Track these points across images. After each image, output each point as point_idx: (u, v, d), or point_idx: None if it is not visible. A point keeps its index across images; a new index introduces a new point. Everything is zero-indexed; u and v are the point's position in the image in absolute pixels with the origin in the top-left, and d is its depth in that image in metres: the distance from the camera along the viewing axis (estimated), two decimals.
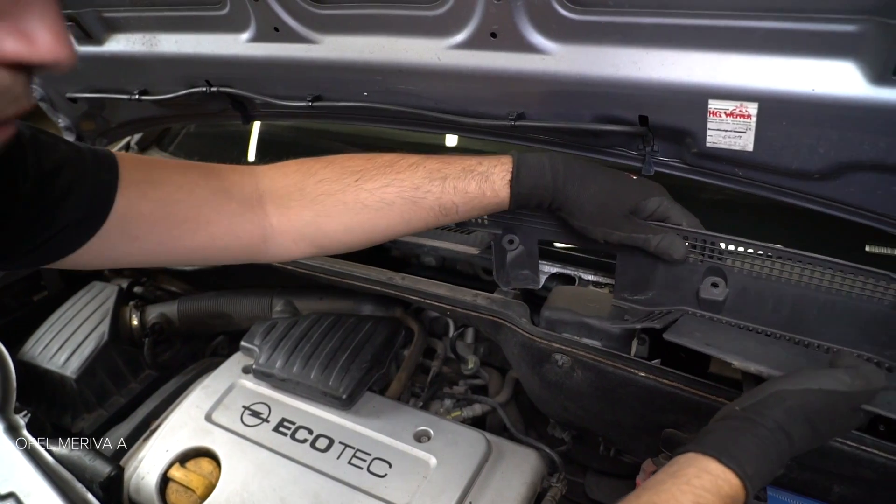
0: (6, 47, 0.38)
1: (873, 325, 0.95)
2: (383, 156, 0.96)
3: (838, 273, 0.94)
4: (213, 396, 1.39)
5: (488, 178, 0.93)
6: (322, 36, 1.11)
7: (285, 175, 0.95)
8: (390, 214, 0.94)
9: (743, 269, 1.01)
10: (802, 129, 0.84)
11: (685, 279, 1.05)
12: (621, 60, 0.90)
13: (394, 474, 1.20)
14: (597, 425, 1.21)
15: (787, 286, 0.99)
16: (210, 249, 0.90)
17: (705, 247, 1.02)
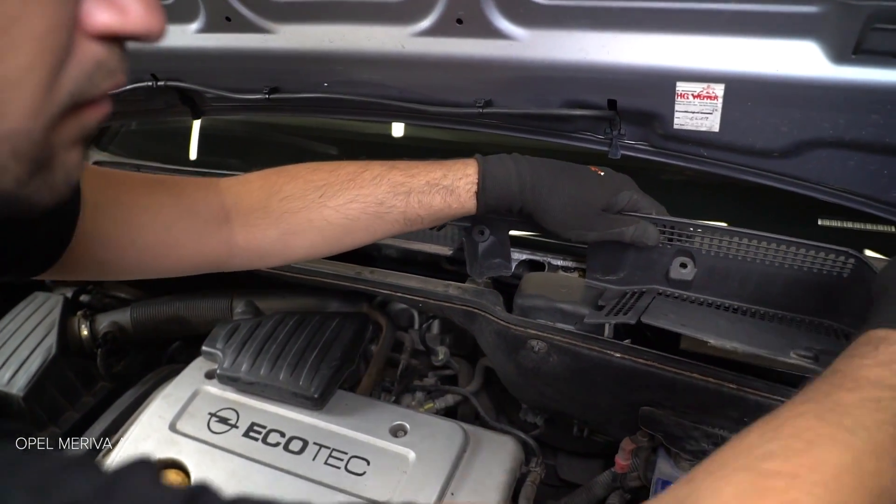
0: (99, 19, 0.38)
1: (833, 295, 1.00)
2: (346, 167, 0.95)
3: (801, 250, 0.98)
4: (176, 405, 1.33)
5: (453, 192, 0.94)
6: (278, 25, 1.07)
7: (249, 192, 0.93)
8: (355, 229, 0.95)
9: (710, 250, 1.04)
10: (767, 109, 0.87)
11: (655, 261, 1.08)
12: (590, 45, 0.90)
13: (373, 472, 1.19)
14: (573, 408, 1.23)
15: (752, 264, 1.03)
16: (180, 267, 0.90)
17: (674, 231, 1.04)
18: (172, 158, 1.86)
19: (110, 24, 0.38)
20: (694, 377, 1.02)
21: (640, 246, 1.03)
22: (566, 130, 1.07)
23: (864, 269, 0.95)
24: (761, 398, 0.99)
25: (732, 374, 1.00)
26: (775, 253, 1.01)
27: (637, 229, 0.99)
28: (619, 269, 1.15)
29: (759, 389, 0.99)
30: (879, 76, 0.77)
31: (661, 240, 1.04)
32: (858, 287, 0.97)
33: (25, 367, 1.34)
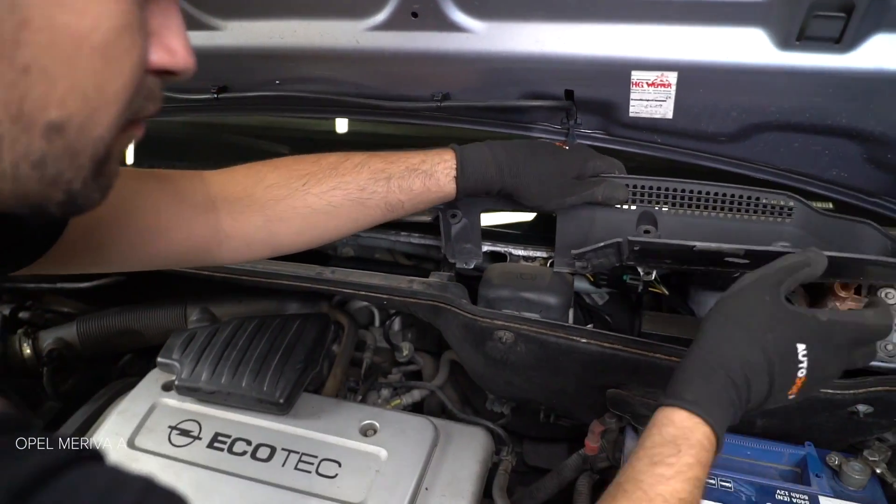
0: (157, 59, 0.47)
1: (783, 240, 1.03)
2: (328, 157, 0.98)
3: (749, 205, 1.02)
4: (132, 420, 1.27)
5: (432, 176, 0.97)
6: (225, 21, 1.03)
7: (234, 181, 0.95)
8: (339, 216, 0.97)
9: (670, 211, 1.08)
10: (718, 95, 0.90)
11: (620, 228, 1.10)
12: (546, 36, 0.91)
13: (345, 473, 1.17)
14: (542, 395, 1.25)
15: (708, 220, 1.06)
16: (170, 255, 0.92)
17: (635, 191, 1.07)
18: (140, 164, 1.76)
19: (165, 63, 0.48)
20: (657, 357, 1.05)
21: (613, 203, 1.07)
22: (524, 121, 1.08)
23: (807, 212, 0.99)
24: None
25: None
26: (728, 211, 1.04)
27: (606, 188, 1.04)
28: (588, 245, 1.16)
29: None
30: (821, 61, 0.81)
31: (623, 207, 1.09)
32: (803, 230, 1.02)
33: None
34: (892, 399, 0.98)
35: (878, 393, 0.98)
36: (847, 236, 0.98)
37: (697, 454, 0.67)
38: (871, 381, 0.98)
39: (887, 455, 1.03)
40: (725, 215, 1.05)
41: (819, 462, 1.03)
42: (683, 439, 0.68)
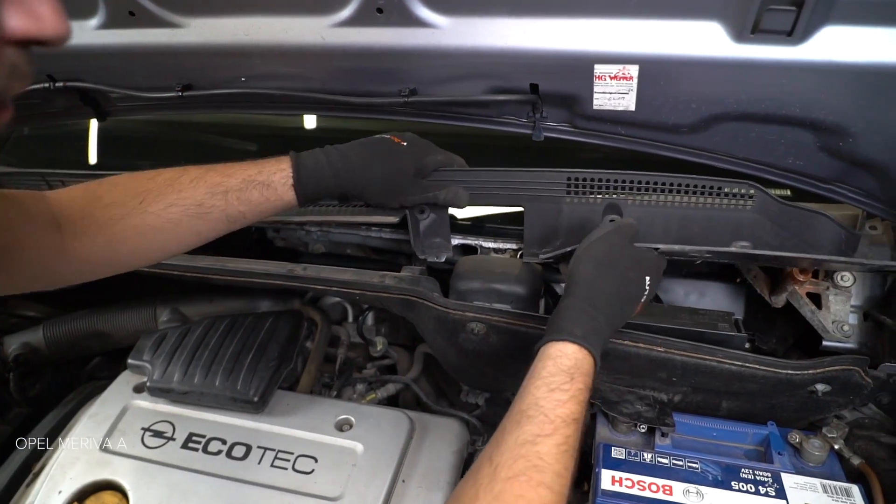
0: (16, 24, 0.40)
1: (744, 227, 1.09)
2: (164, 173, 0.97)
3: (711, 193, 1.07)
4: (104, 423, 1.26)
5: (269, 186, 0.98)
6: (187, 19, 1.02)
7: (73, 201, 0.94)
8: (178, 232, 0.97)
9: (635, 201, 1.12)
10: (678, 87, 0.92)
11: (587, 219, 1.13)
12: (511, 31, 0.92)
13: (321, 468, 1.18)
14: (514, 384, 1.25)
15: (671, 209, 1.11)
16: (21, 276, 0.89)
17: (601, 184, 1.11)
18: (71, 163, 1.74)
19: (26, 30, 0.41)
20: (625, 344, 1.08)
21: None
22: (491, 116, 1.09)
23: (767, 200, 1.05)
24: (687, 358, 1.06)
25: (660, 338, 1.07)
26: (689, 194, 1.09)
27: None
28: (556, 238, 1.20)
29: (684, 350, 1.06)
30: (775, 53, 0.83)
31: (590, 198, 1.13)
32: (763, 216, 1.07)
33: None
34: (847, 378, 1.02)
35: (835, 372, 1.02)
36: (804, 225, 1.02)
37: (585, 380, 0.80)
38: (828, 362, 1.02)
39: (844, 431, 1.08)
40: (689, 202, 1.10)
41: (781, 440, 1.07)
42: (576, 369, 0.80)
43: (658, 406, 1.13)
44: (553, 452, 0.72)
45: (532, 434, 0.73)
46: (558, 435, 0.74)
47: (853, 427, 1.11)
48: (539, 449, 0.72)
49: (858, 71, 0.81)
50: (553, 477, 0.71)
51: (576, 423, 0.76)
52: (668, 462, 1.04)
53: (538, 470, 0.71)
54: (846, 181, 1.00)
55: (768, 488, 0.97)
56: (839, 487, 0.97)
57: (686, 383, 1.12)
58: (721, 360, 1.06)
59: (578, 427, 0.76)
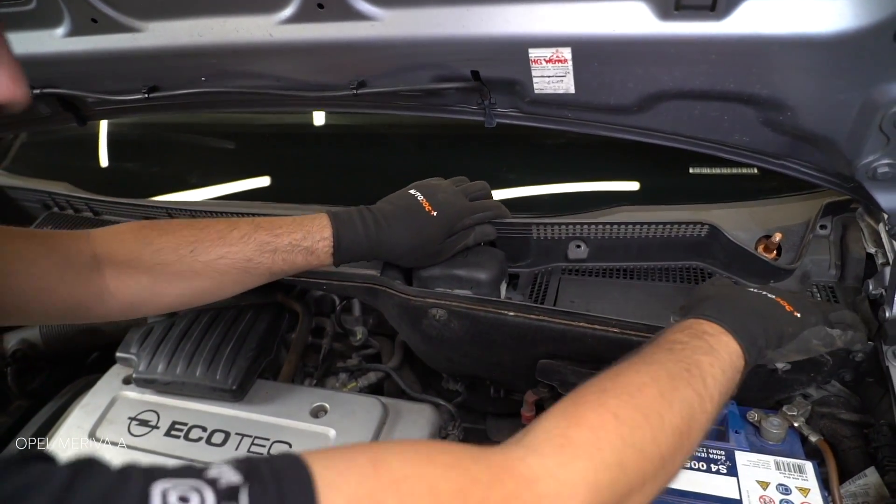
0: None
1: (697, 247, 1.20)
2: (215, 225, 1.04)
3: (666, 226, 1.19)
4: (94, 413, 1.33)
5: (313, 253, 1.06)
6: (145, 23, 1.06)
7: (122, 242, 1.00)
8: (223, 282, 1.05)
9: (597, 235, 1.23)
10: (611, 68, 0.92)
11: (554, 248, 1.24)
12: (445, 19, 0.94)
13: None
14: (481, 370, 1.28)
15: (631, 239, 1.22)
16: (53, 313, 0.98)
17: (566, 224, 1.24)
18: (82, 169, 1.81)
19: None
20: (581, 326, 1.09)
21: (487, 242, 1.22)
22: (443, 104, 1.11)
23: (717, 232, 1.18)
24: (643, 338, 1.06)
25: (615, 319, 1.07)
26: (648, 230, 1.22)
27: (477, 236, 1.17)
28: (527, 256, 1.29)
29: (639, 331, 1.07)
30: (700, 29, 0.83)
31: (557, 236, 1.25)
32: (713, 240, 1.19)
33: None
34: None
35: None
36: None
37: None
38: None
39: (807, 410, 1.06)
40: (646, 236, 1.21)
41: (739, 419, 1.06)
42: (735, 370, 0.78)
43: None
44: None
45: (691, 404, 0.69)
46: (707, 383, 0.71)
47: (818, 405, 1.10)
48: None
49: (784, 42, 0.81)
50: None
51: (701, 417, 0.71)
52: None
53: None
54: (796, 156, 0.99)
55: (720, 465, 0.97)
56: (793, 465, 0.96)
57: None
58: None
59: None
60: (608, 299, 1.19)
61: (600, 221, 1.22)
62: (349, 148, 1.58)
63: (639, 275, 1.25)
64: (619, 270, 1.27)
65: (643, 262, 1.25)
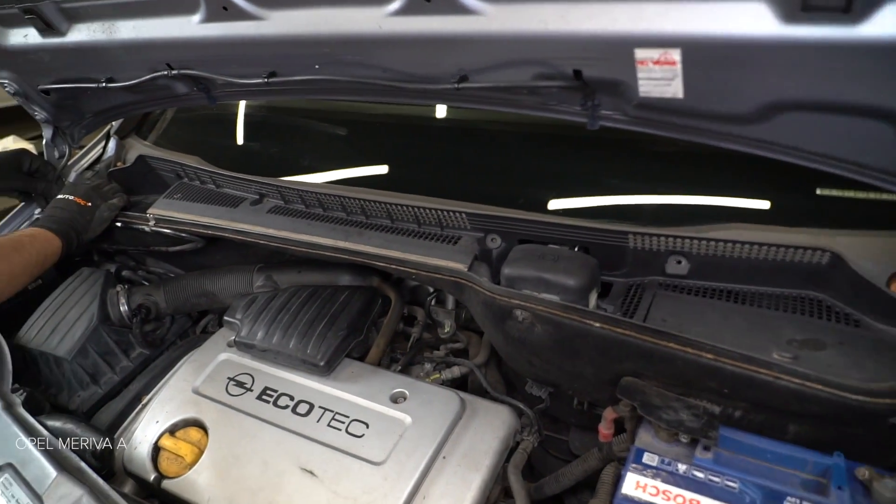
0: None
1: (815, 275, 1.07)
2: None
3: (781, 248, 1.09)
4: (199, 370, 1.45)
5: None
6: (269, 11, 1.13)
7: None
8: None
9: (700, 251, 1.14)
10: (726, 73, 0.85)
11: (651, 260, 1.16)
12: (549, 15, 0.91)
13: (371, 434, 1.25)
14: (562, 378, 1.24)
15: (739, 260, 1.12)
16: None
17: (666, 236, 1.16)
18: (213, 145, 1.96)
19: None
20: (671, 347, 1.02)
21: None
22: (544, 103, 1.08)
23: (840, 261, 1.05)
24: (738, 369, 0.98)
25: (710, 344, 1.00)
26: (759, 252, 1.11)
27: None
28: (622, 266, 1.23)
29: (736, 360, 0.98)
30: (831, 33, 0.74)
31: (656, 245, 1.19)
32: (835, 270, 1.06)
33: (71, 334, 1.48)
34: None
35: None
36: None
37: None
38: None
39: None
40: (757, 256, 1.12)
41: (845, 474, 0.94)
42: None
43: (706, 418, 1.05)
44: None
45: None
46: None
47: None
48: None
49: None
50: None
51: None
52: (703, 476, 0.97)
53: None
54: None
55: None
56: None
57: (740, 397, 1.03)
58: (777, 376, 0.96)
59: None
60: (705, 322, 1.10)
61: (706, 237, 1.13)
62: (450, 141, 1.59)
63: (743, 299, 1.14)
64: (720, 291, 1.16)
65: (750, 286, 1.14)
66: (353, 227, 1.40)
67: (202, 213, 1.53)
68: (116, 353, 1.54)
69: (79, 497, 1.11)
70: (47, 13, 1.28)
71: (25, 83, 1.51)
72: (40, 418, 1.28)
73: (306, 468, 1.21)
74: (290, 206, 1.51)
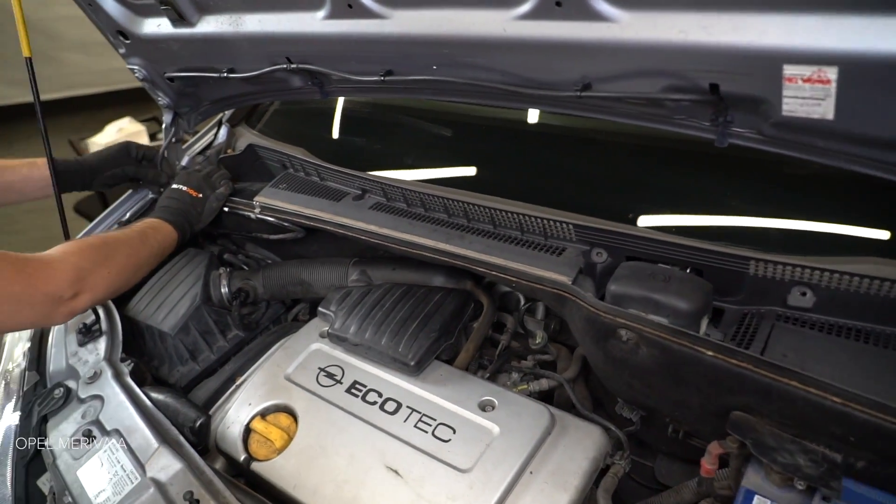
0: None
1: None
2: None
3: None
4: (292, 357, 1.48)
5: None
6: (392, 11, 1.13)
7: None
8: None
9: (829, 284, 1.06)
10: (889, 94, 0.78)
11: (772, 289, 1.09)
12: (690, 25, 0.86)
13: (457, 440, 1.24)
14: (662, 405, 1.19)
15: (874, 296, 1.03)
16: None
17: (793, 265, 1.08)
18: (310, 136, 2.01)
19: None
20: (792, 385, 0.95)
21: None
22: (668, 115, 1.03)
23: None
24: (869, 417, 0.90)
25: (838, 386, 0.92)
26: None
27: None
28: (738, 293, 1.15)
29: (867, 407, 0.90)
30: None
31: (780, 274, 1.10)
32: None
33: (175, 310, 1.55)
34: None
35: None
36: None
37: None
38: None
39: None
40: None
41: None
42: None
43: (827, 466, 0.97)
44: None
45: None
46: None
47: None
48: None
49: None
50: None
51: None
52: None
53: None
54: None
55: None
56: None
57: (869, 448, 0.94)
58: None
59: None
60: (831, 361, 1.01)
61: (838, 270, 1.05)
62: (557, 148, 1.55)
63: (875, 340, 1.05)
64: (849, 329, 1.07)
65: (885, 327, 1.05)
66: (455, 229, 1.39)
67: (306, 205, 1.57)
68: (215, 333, 1.59)
69: (178, 470, 1.16)
70: (181, 4, 1.34)
71: (153, 70, 1.59)
72: (145, 389, 1.34)
73: (392, 467, 1.21)
74: (391, 204, 1.52)
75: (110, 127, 4.89)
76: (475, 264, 1.30)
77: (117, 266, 1.27)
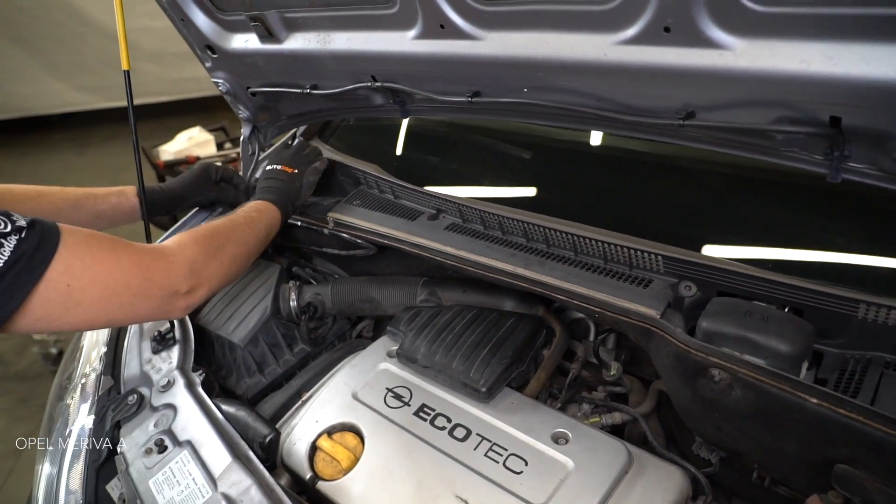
0: None
1: None
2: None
3: None
4: (359, 376, 1.46)
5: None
6: (486, 32, 1.12)
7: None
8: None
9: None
10: None
11: (883, 334, 1.01)
12: (813, 56, 0.82)
13: (530, 473, 1.20)
14: (754, 450, 1.12)
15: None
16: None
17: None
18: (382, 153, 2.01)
19: None
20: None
21: None
22: (776, 147, 0.98)
23: None
24: None
25: None
26: None
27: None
28: (840, 336, 1.09)
29: None
30: None
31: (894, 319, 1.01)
32: None
33: (245, 322, 1.56)
34: None
35: None
36: None
37: None
38: None
39: None
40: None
41: None
42: None
43: None
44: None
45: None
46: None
47: None
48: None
49: None
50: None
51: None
52: None
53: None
54: None
55: None
56: None
57: None
58: None
59: None
60: None
61: None
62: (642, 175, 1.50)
63: None
64: None
65: None
66: (534, 254, 1.36)
67: (380, 223, 1.56)
68: (282, 346, 1.60)
69: (248, 486, 1.15)
70: (271, 22, 1.36)
71: (237, 84, 1.62)
72: (215, 400, 1.35)
73: (461, 496, 1.18)
74: (467, 226, 1.50)
75: (181, 135, 5.04)
76: (556, 292, 1.26)
77: (229, 255, 1.25)
